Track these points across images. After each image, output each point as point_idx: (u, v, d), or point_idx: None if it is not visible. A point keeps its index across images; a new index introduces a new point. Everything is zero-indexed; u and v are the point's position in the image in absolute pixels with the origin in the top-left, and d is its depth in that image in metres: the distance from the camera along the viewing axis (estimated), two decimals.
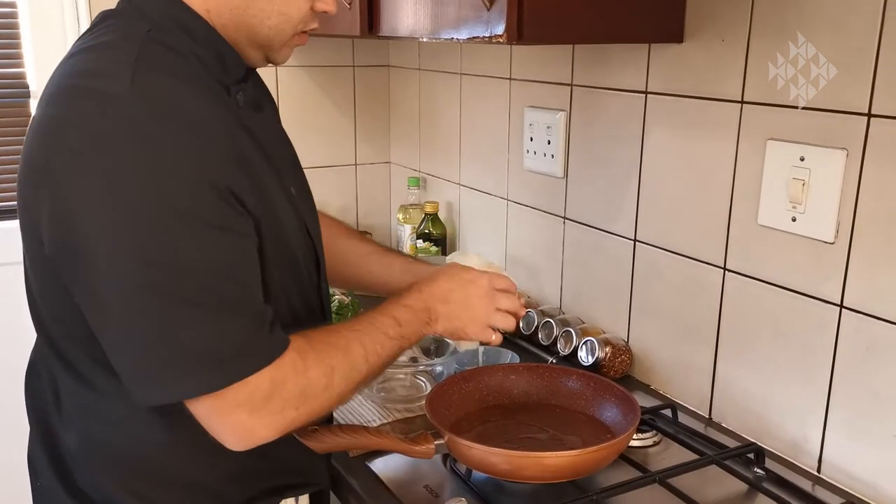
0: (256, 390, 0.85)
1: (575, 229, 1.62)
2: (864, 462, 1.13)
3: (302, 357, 0.89)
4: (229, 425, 0.86)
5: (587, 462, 1.06)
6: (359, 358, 0.95)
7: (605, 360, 1.46)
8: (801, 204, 1.16)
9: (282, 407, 0.87)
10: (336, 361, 0.92)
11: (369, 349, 0.96)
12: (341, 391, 0.93)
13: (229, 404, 0.84)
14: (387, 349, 0.98)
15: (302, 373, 0.88)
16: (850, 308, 1.12)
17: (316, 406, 0.91)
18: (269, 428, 0.87)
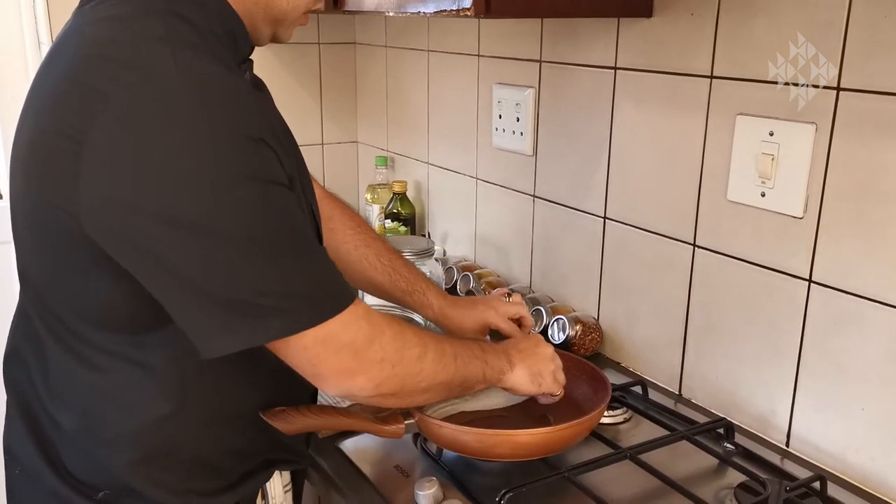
0: (359, 331, 0.85)
1: (545, 207, 1.61)
2: (831, 435, 1.14)
3: (398, 322, 0.90)
4: (335, 367, 0.85)
5: (559, 439, 1.05)
6: (449, 352, 0.95)
7: (576, 338, 1.46)
8: (770, 179, 1.16)
9: (381, 357, 0.87)
10: (428, 342, 0.93)
11: (458, 352, 0.97)
12: (430, 372, 0.93)
13: (336, 344, 0.84)
14: (472, 363, 1.00)
15: (399, 332, 0.89)
16: (819, 283, 1.12)
17: (408, 375, 0.91)
18: (369, 373, 0.87)
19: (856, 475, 1.11)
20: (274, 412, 1.08)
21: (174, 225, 0.77)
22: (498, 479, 1.09)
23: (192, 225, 0.77)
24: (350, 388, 0.88)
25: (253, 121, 0.81)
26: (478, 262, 1.84)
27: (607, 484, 1.07)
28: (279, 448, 1.04)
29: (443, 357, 0.94)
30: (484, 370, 1.02)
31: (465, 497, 1.04)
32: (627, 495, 1.05)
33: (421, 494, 1.02)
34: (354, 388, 0.88)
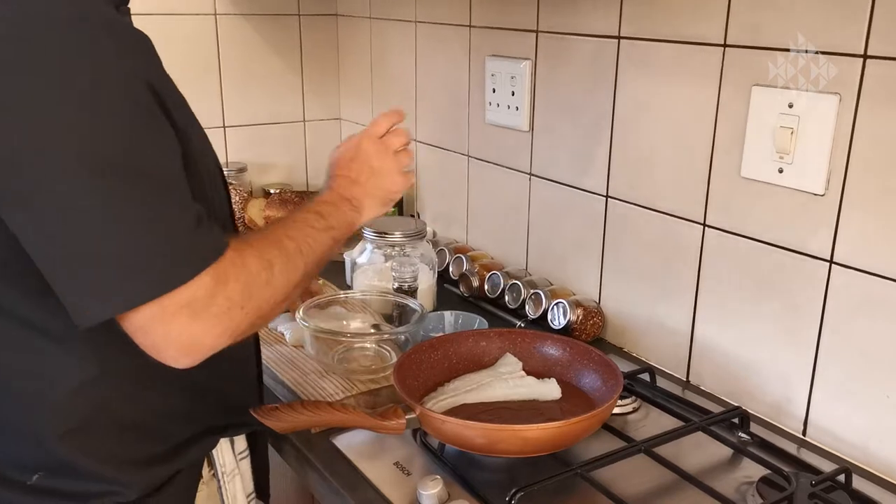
0: (199, 290, 0.75)
1: (542, 186, 1.54)
2: (852, 424, 1.08)
3: (239, 253, 0.81)
4: (172, 335, 0.75)
5: (568, 434, 0.99)
6: (293, 250, 0.89)
7: (577, 322, 1.39)
8: (789, 154, 1.09)
9: (227, 307, 0.78)
10: (273, 255, 0.86)
11: (301, 242, 0.90)
12: (282, 285, 0.86)
13: (170, 310, 0.74)
14: (318, 242, 0.93)
15: (241, 267, 0.80)
16: (841, 263, 1.06)
17: (261, 303, 0.82)
18: (215, 332, 0.78)
19: (880, 466, 1.05)
20: (264, 409, 1.00)
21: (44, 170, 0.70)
22: (504, 476, 1.02)
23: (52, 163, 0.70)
24: (201, 353, 0.78)
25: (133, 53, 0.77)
26: (471, 244, 1.76)
27: (621, 479, 1.01)
28: (222, 412, 0.99)
29: (289, 260, 0.87)
30: (332, 236, 0.96)
31: (471, 496, 0.97)
32: (644, 491, 0.99)
33: (425, 494, 0.95)
34: (206, 350, 0.78)
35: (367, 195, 1.03)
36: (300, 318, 1.24)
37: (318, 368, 1.24)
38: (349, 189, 1.03)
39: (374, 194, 1.04)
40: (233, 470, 1.02)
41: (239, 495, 1.04)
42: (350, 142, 1.09)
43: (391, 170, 1.07)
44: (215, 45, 1.98)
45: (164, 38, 1.89)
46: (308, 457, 1.07)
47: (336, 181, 1.04)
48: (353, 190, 1.03)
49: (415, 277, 1.43)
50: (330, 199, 1.01)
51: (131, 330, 0.76)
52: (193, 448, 0.95)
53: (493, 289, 1.55)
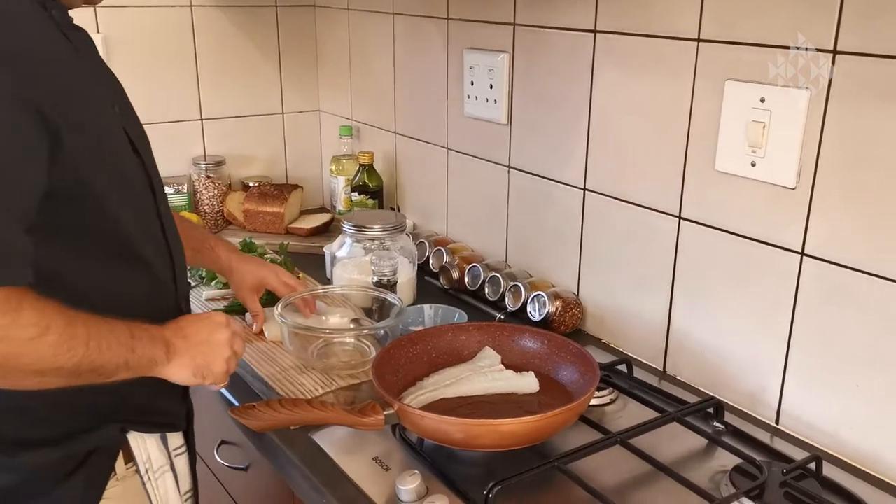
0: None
1: (520, 178, 1.55)
2: (824, 412, 1.10)
3: (17, 298, 0.80)
4: None
5: (546, 427, 1.00)
6: (80, 337, 0.85)
7: (556, 314, 1.41)
8: (761, 148, 1.11)
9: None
10: (55, 324, 0.83)
11: (93, 337, 0.87)
12: (47, 357, 0.83)
13: None
14: (111, 350, 0.89)
15: (10, 311, 0.79)
16: (812, 255, 1.08)
17: (12, 352, 0.80)
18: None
19: (850, 453, 1.07)
20: (242, 408, 1.01)
21: None
22: (482, 470, 1.03)
23: None
24: None
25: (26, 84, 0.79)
26: (451, 237, 1.77)
27: (597, 471, 1.02)
28: (128, 408, 1.00)
29: (70, 341, 0.84)
30: (127, 359, 0.91)
31: (449, 490, 0.98)
32: (619, 482, 1.01)
33: (403, 489, 0.96)
34: None
35: (186, 352, 0.98)
36: (278, 315, 1.24)
37: (297, 364, 1.25)
38: (174, 337, 0.98)
39: (192, 357, 0.99)
40: (161, 467, 1.02)
41: (171, 493, 1.04)
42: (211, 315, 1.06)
43: (220, 352, 1.02)
44: (191, 37, 1.97)
45: (139, 29, 1.91)
46: (287, 453, 1.08)
47: (173, 325, 1.00)
48: (177, 341, 0.98)
49: (394, 271, 1.44)
50: (152, 330, 0.96)
51: None
52: (85, 437, 0.96)
53: (474, 281, 1.56)
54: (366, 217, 1.57)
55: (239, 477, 1.35)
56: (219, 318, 1.04)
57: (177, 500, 1.06)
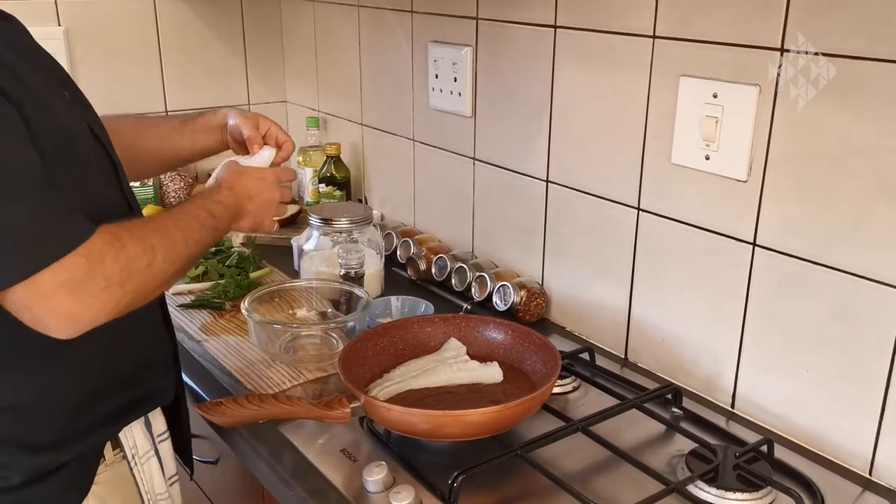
0: (74, 269, 0.81)
1: (485, 170, 1.57)
2: (776, 396, 1.15)
3: (116, 237, 0.86)
4: (52, 311, 0.81)
5: (509, 417, 1.03)
6: (178, 239, 0.95)
7: (521, 304, 1.44)
8: (715, 142, 1.14)
9: (105, 284, 0.84)
10: (156, 241, 0.91)
11: (187, 234, 0.97)
12: (165, 270, 0.92)
13: (47, 288, 0.80)
14: (203, 236, 1.00)
15: (120, 250, 0.85)
16: (763, 246, 1.12)
17: (142, 283, 0.88)
18: (95, 307, 0.83)
19: (800, 435, 1.12)
20: (209, 405, 1.03)
21: None
22: (448, 459, 1.06)
23: None
24: (82, 325, 0.84)
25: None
26: (418, 227, 1.79)
27: (559, 458, 1.06)
28: (120, 388, 1.02)
29: (174, 248, 0.93)
30: (215, 235, 1.03)
31: (415, 480, 1.01)
32: (581, 469, 1.04)
33: (370, 480, 0.99)
34: (87, 324, 0.84)
35: (250, 214, 1.11)
36: (245, 309, 1.26)
37: (264, 358, 1.26)
38: (244, 201, 1.10)
39: (253, 218, 1.11)
40: (147, 452, 1.05)
41: (156, 478, 1.07)
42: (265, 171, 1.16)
43: (273, 211, 1.15)
44: (154, 29, 1.96)
45: (101, 22, 1.90)
46: (255, 447, 1.10)
47: (238, 188, 1.10)
48: (246, 204, 1.10)
49: (361, 264, 1.46)
50: (225, 200, 1.07)
51: (15, 309, 0.81)
52: (92, 435, 0.98)
53: (440, 272, 1.58)
54: (333, 210, 1.59)
55: (209, 470, 1.36)
56: (271, 176, 1.15)
57: (162, 485, 1.09)
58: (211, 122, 1.25)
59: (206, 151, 1.27)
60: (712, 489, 0.98)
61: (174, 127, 1.25)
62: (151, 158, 1.25)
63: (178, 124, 1.25)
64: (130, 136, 1.20)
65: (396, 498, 0.95)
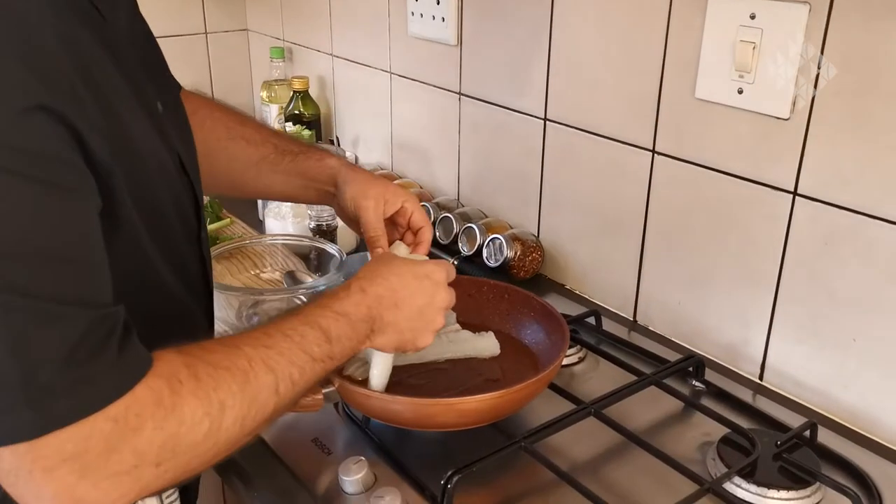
0: (93, 436, 0.54)
1: (473, 107, 1.38)
2: (814, 368, 1.00)
3: (172, 387, 0.58)
4: (49, 489, 0.54)
5: (511, 403, 0.87)
6: (265, 389, 0.64)
7: (514, 259, 1.27)
8: (750, 72, 0.96)
9: (134, 463, 0.56)
10: (228, 394, 0.61)
11: (282, 375, 0.66)
12: (231, 437, 0.62)
13: (50, 457, 0.53)
14: (306, 376, 0.69)
15: (170, 411, 0.57)
16: (806, 196, 0.95)
17: (191, 461, 0.60)
18: (111, 495, 0.56)
19: (844, 415, 0.98)
20: None
21: None
22: (438, 450, 0.91)
23: None
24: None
25: (27, 61, 0.53)
26: (396, 172, 1.61)
27: (568, 447, 0.90)
28: None
29: (254, 403, 0.63)
30: (326, 369, 0.72)
31: (401, 477, 0.85)
32: (593, 459, 0.89)
33: (347, 480, 0.83)
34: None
35: (393, 328, 0.78)
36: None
37: (222, 329, 1.09)
38: (382, 310, 0.78)
39: (400, 333, 0.79)
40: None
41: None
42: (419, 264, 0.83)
43: (434, 322, 0.82)
44: None
45: None
46: None
47: (375, 289, 0.78)
48: (386, 314, 0.78)
49: (333, 215, 1.28)
50: (353, 311, 0.75)
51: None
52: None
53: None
54: None
55: None
56: (439, 273, 0.82)
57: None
58: (315, 174, 0.96)
59: (297, 199, 1.03)
60: (751, 486, 0.83)
61: (267, 157, 0.97)
62: (224, 181, 0.98)
63: (274, 155, 0.97)
64: (214, 142, 0.96)
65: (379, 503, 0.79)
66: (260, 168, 0.98)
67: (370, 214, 0.91)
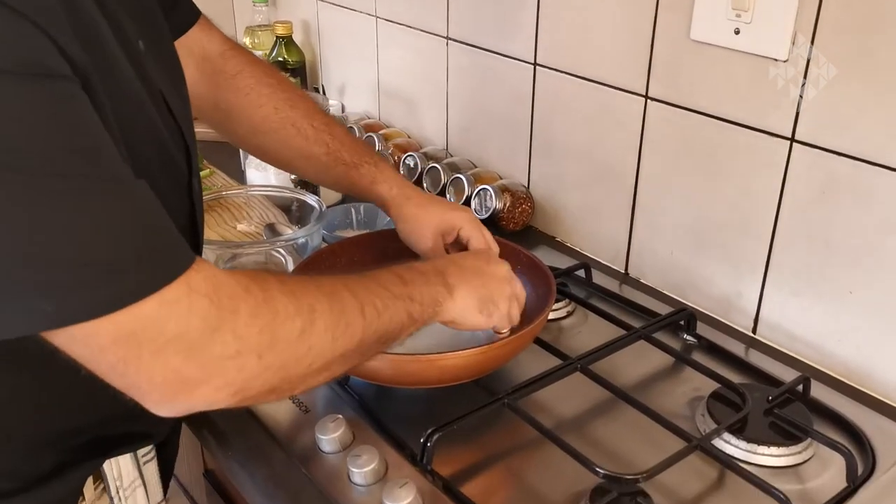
0: (193, 313, 0.54)
1: (460, 52, 1.33)
2: (809, 321, 0.97)
3: (259, 284, 0.59)
4: (156, 369, 0.54)
5: (494, 359, 0.84)
6: (351, 308, 0.65)
7: (504, 211, 1.23)
8: (748, 11, 0.91)
9: (237, 349, 0.56)
10: (316, 301, 0.62)
11: (366, 300, 0.66)
12: (324, 348, 0.62)
13: (156, 339, 0.53)
14: (390, 308, 0.69)
15: (262, 301, 0.58)
16: (804, 142, 0.91)
17: (290, 358, 0.60)
18: (216, 379, 0.56)
19: (838, 368, 0.95)
20: None
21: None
22: (420, 407, 0.88)
23: None
24: (190, 404, 0.57)
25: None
26: (383, 120, 1.56)
27: (554, 403, 0.88)
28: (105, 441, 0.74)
29: (342, 316, 0.63)
30: (409, 310, 0.71)
31: (380, 436, 0.83)
32: (579, 417, 0.87)
33: (324, 439, 0.81)
34: (198, 403, 0.57)
35: (466, 283, 0.79)
36: None
37: None
38: (448, 265, 0.79)
39: (474, 287, 0.79)
40: (133, 482, 0.78)
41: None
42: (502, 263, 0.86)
43: (502, 285, 0.83)
44: None
45: None
46: None
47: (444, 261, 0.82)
48: (452, 269, 0.79)
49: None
50: (420, 266, 0.77)
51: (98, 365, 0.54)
52: (56, 482, 0.70)
53: (410, 173, 1.37)
54: None
55: None
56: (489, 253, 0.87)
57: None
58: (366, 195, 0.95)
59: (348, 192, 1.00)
60: (741, 442, 0.81)
61: (319, 158, 0.94)
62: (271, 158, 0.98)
63: (326, 158, 0.94)
64: (260, 121, 0.93)
65: (356, 462, 0.77)
66: (309, 163, 0.95)
67: (428, 252, 0.93)
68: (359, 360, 0.69)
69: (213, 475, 1.03)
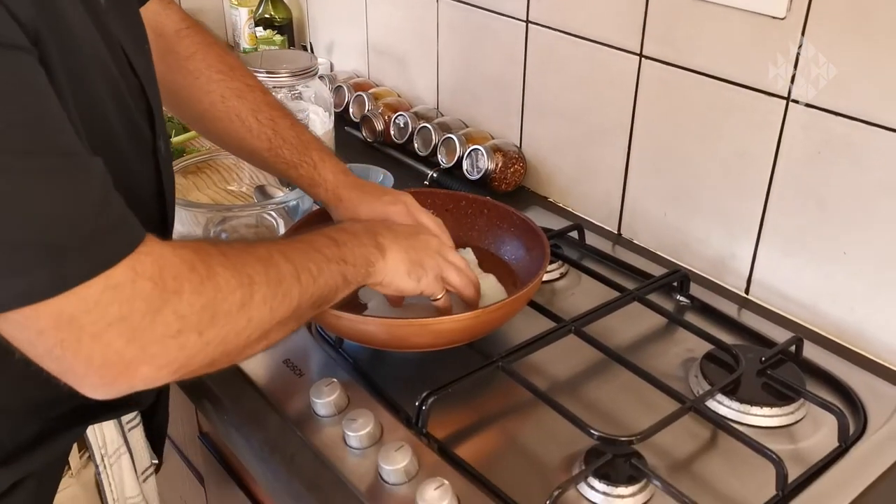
0: (135, 297, 0.53)
1: (451, 9, 1.30)
2: (802, 282, 0.97)
3: (202, 258, 0.59)
4: (98, 354, 0.53)
5: (488, 323, 0.84)
6: (287, 275, 0.65)
7: (496, 171, 1.22)
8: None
9: (178, 328, 0.56)
10: (254, 272, 0.62)
11: (301, 266, 0.67)
12: (263, 318, 0.62)
13: (97, 322, 0.52)
14: (324, 272, 0.69)
15: (206, 277, 0.58)
16: (801, 102, 0.90)
17: (230, 332, 0.60)
18: (157, 359, 0.55)
19: (831, 328, 0.95)
20: None
21: None
22: (414, 370, 0.88)
23: None
24: (129, 385, 0.56)
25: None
26: (373, 79, 1.53)
27: (547, 365, 0.88)
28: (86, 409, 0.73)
29: (280, 286, 0.64)
30: (343, 272, 0.71)
31: (375, 399, 0.83)
32: (573, 378, 0.87)
33: (319, 403, 0.81)
34: (138, 383, 0.56)
35: (397, 244, 0.78)
36: None
37: None
38: (378, 227, 0.79)
39: (405, 249, 0.79)
40: (118, 449, 0.78)
41: (127, 478, 0.80)
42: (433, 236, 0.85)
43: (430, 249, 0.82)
44: None
45: None
46: None
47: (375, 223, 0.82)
48: (382, 230, 0.79)
49: (306, 124, 1.21)
50: (350, 227, 0.77)
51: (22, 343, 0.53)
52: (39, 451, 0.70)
53: (400, 133, 1.35)
54: (272, 59, 1.31)
55: None
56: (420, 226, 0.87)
57: (134, 486, 0.81)
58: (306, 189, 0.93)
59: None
60: (734, 403, 0.81)
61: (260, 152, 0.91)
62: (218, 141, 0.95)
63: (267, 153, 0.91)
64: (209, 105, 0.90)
65: (351, 426, 0.77)
66: (252, 157, 0.94)
67: None
68: (296, 325, 0.69)
69: (208, 438, 1.03)
